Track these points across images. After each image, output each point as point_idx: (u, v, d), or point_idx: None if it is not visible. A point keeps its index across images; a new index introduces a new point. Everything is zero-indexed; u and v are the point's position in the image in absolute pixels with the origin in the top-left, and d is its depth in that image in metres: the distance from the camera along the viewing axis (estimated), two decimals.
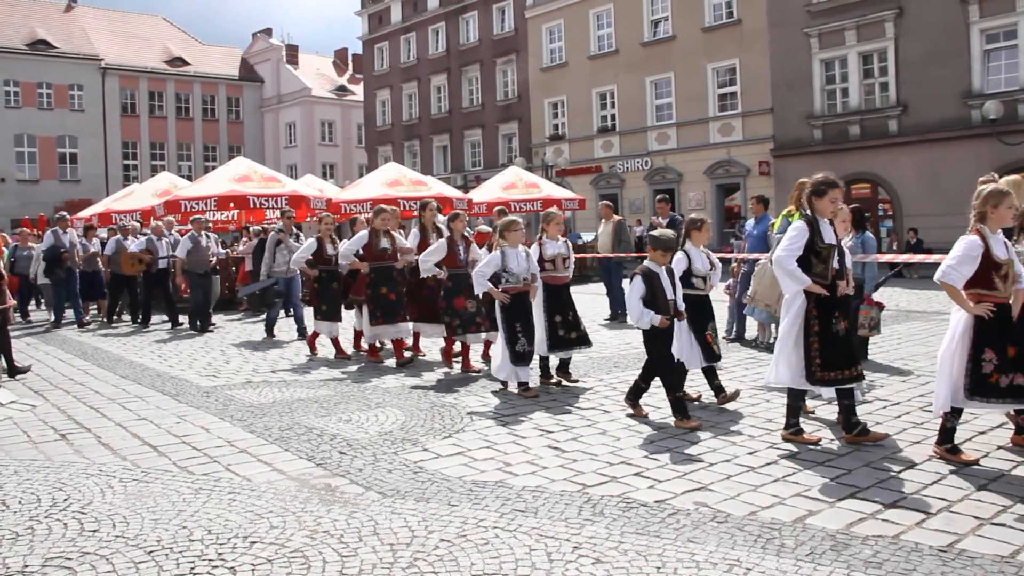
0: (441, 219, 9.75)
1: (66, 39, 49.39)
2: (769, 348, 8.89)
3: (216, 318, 14.35)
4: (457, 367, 8.88)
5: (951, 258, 4.98)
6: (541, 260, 7.69)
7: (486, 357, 9.07)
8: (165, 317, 14.70)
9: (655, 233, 6.40)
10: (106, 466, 5.30)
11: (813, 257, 5.35)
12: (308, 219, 18.11)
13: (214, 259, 13.69)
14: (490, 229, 13.82)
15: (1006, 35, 23.28)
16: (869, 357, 8.70)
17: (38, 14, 50.13)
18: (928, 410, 6.30)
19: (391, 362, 9.39)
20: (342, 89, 56.80)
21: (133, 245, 14.78)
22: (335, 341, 10.00)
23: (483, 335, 8.64)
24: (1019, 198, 8.27)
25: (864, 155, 25.79)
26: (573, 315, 7.76)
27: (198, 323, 13.24)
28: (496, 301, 7.46)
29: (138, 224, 16.97)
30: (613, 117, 33.90)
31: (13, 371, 8.97)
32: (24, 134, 47.11)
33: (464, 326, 8.42)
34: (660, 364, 6.26)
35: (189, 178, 36.09)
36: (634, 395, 6.47)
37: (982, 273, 4.92)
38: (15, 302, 16.31)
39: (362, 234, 9.33)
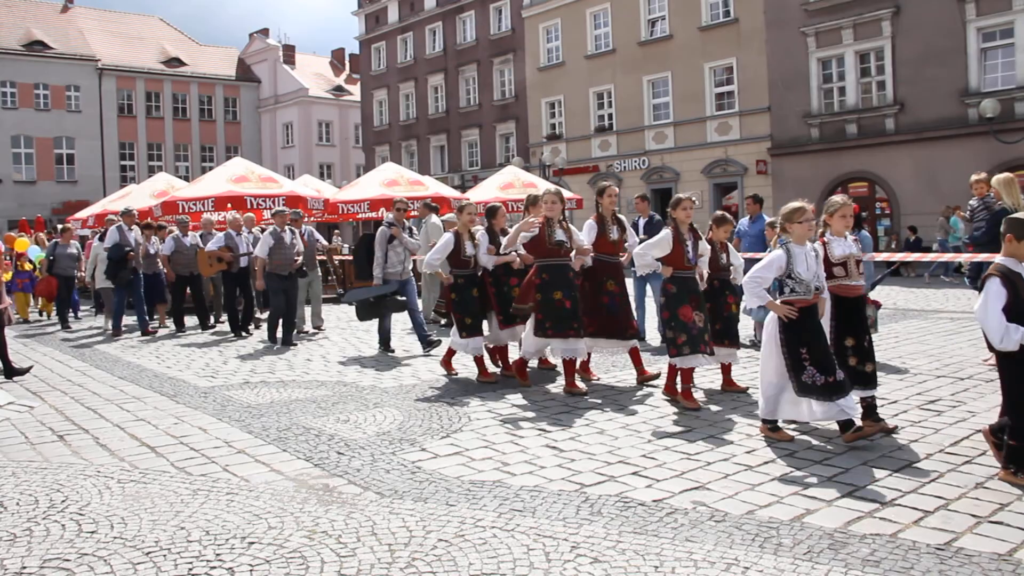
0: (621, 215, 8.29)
1: (62, 40, 49.33)
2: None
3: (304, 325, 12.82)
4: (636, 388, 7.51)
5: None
6: (827, 263, 5.69)
7: (586, 372, 8.07)
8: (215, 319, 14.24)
9: (1020, 215, 4.70)
10: (104, 467, 5.30)
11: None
12: (305, 218, 18.08)
13: (300, 258, 11.75)
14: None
15: (1003, 33, 23.29)
16: None
17: (34, 15, 50.06)
18: (926, 409, 6.31)
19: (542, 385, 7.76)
20: (339, 89, 56.77)
21: (211, 242, 13.07)
22: (479, 360, 8.20)
23: (704, 356, 6.71)
24: (1011, 196, 8.30)
25: (861, 154, 25.81)
26: (869, 341, 5.79)
27: (277, 334, 11.42)
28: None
29: (210, 217, 15.14)
30: (610, 116, 33.89)
31: (10, 372, 8.96)
32: (21, 135, 47.04)
33: (693, 343, 6.62)
34: None
35: (186, 179, 36.09)
36: (1016, 459, 4.56)
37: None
38: (10, 302, 16.22)
39: (526, 223, 7.65)
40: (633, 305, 11.42)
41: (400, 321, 12.31)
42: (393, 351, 10.31)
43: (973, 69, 23.61)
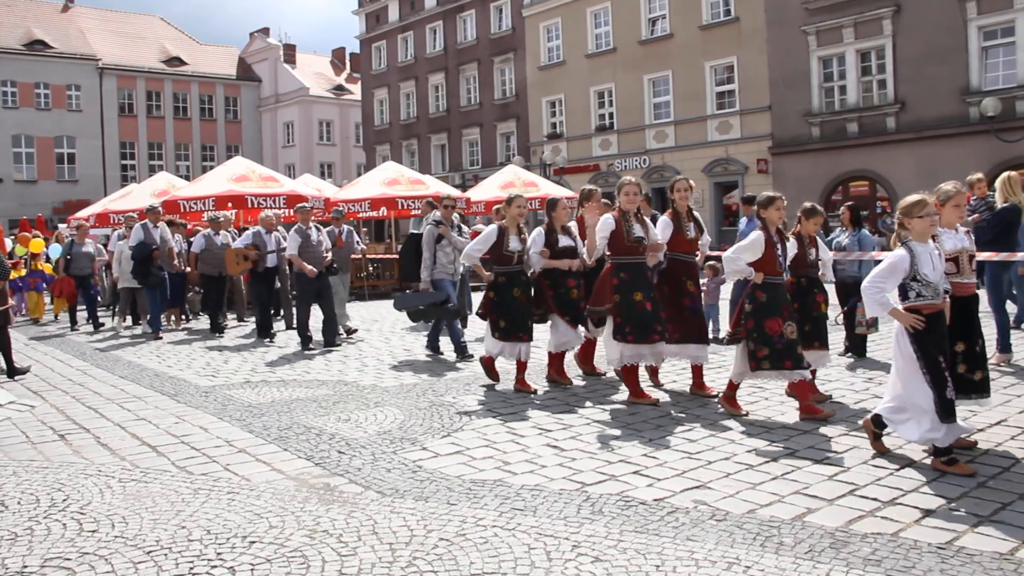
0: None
1: (63, 39, 49.34)
2: None
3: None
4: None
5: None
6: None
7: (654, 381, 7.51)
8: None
9: None
10: (105, 466, 5.30)
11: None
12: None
13: (328, 255, 11.11)
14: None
15: (1004, 32, 23.27)
16: (868, 355, 8.71)
17: (35, 14, 50.06)
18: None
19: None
20: (340, 88, 56.76)
21: (238, 240, 12.47)
22: (522, 367, 7.53)
23: (788, 372, 6.07)
24: (1014, 195, 8.30)
25: (862, 153, 25.79)
26: (982, 346, 5.45)
27: (310, 335, 10.81)
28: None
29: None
30: (611, 115, 33.88)
31: (12, 372, 8.97)
32: (22, 134, 47.06)
33: (775, 358, 5.96)
34: None
35: (187, 178, 36.06)
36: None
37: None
38: (12, 303, 16.16)
39: (607, 219, 6.93)
40: None
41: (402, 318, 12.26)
42: (442, 353, 9.81)
43: (974, 68, 23.59)
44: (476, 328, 12.29)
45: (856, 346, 8.69)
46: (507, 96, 38.59)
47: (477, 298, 12.54)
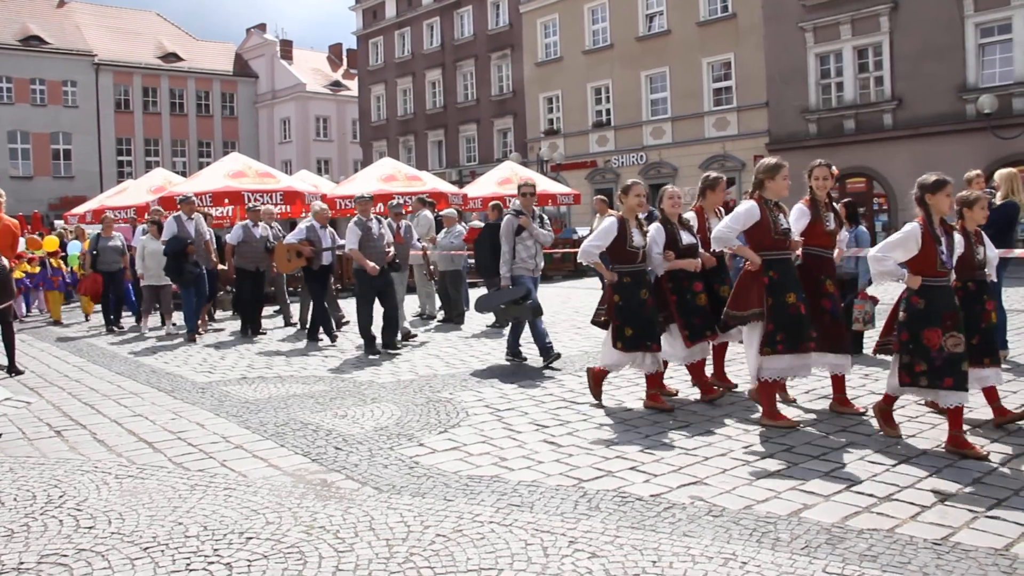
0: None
1: (59, 35, 49.18)
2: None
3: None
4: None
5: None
6: None
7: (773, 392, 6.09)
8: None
9: None
10: (101, 463, 5.29)
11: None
12: (302, 214, 17.89)
13: (391, 250, 10.24)
14: (483, 224, 13.82)
15: (1001, 29, 23.27)
16: (864, 351, 8.71)
17: (30, 10, 49.88)
18: (924, 404, 6.32)
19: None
20: (337, 84, 56.65)
21: (291, 235, 11.49)
22: (652, 380, 6.58)
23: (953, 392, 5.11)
24: (1016, 192, 8.30)
25: (859, 149, 25.80)
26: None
27: (377, 340, 9.94)
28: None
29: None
30: (608, 112, 33.86)
31: (13, 369, 8.94)
32: (17, 131, 46.91)
33: (935, 375, 5.10)
34: None
35: (184, 174, 36.01)
36: None
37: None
38: (10, 303, 15.96)
39: (749, 206, 5.91)
40: None
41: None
42: (525, 359, 8.80)
43: (971, 65, 23.59)
44: (473, 325, 12.30)
45: (853, 342, 8.68)
46: (504, 92, 38.56)
47: (474, 294, 12.46)
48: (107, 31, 52.14)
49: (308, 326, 11.39)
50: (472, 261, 15.53)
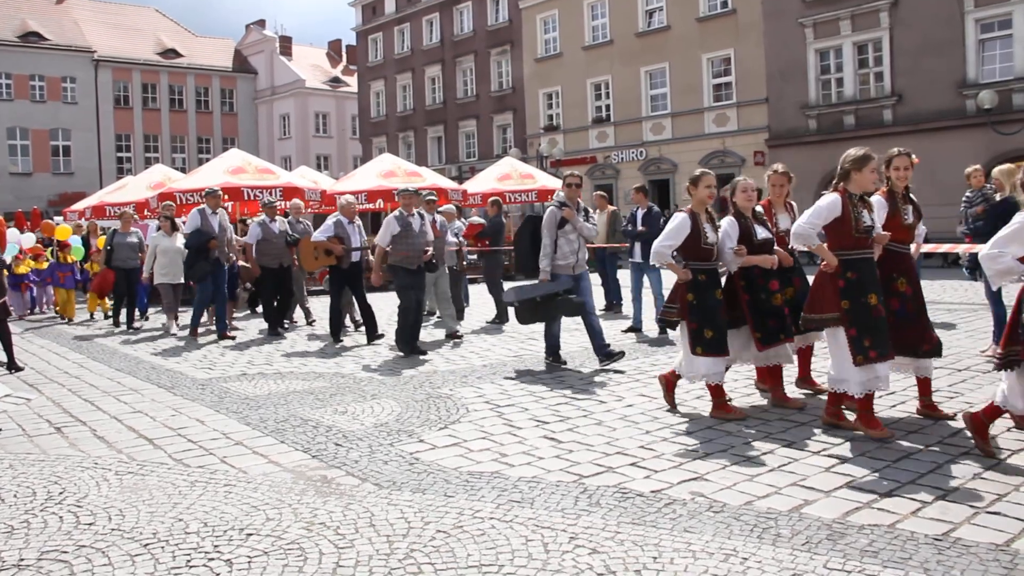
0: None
1: (58, 31, 49.13)
2: None
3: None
4: None
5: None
6: None
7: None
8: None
9: None
10: (101, 459, 5.29)
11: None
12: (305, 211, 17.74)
13: (430, 249, 9.69)
14: (483, 220, 13.78)
15: (1001, 24, 23.26)
16: None
17: (29, 5, 49.82)
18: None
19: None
20: (336, 81, 56.63)
21: (318, 231, 10.80)
22: (715, 392, 6.03)
23: None
24: (1016, 192, 8.28)
25: (859, 145, 25.75)
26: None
27: (405, 343, 9.37)
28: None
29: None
30: (608, 108, 33.85)
31: (12, 365, 8.94)
32: (17, 127, 46.91)
33: None
34: None
35: (183, 170, 36.05)
36: None
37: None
38: (3, 298, 15.63)
39: (831, 200, 5.38)
40: (629, 298, 11.20)
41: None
42: (564, 363, 8.35)
43: (971, 60, 23.58)
44: (472, 321, 12.29)
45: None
46: (504, 88, 38.53)
47: (473, 291, 12.35)
48: (106, 27, 52.09)
49: (330, 326, 10.73)
50: (473, 258, 15.33)
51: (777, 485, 4.41)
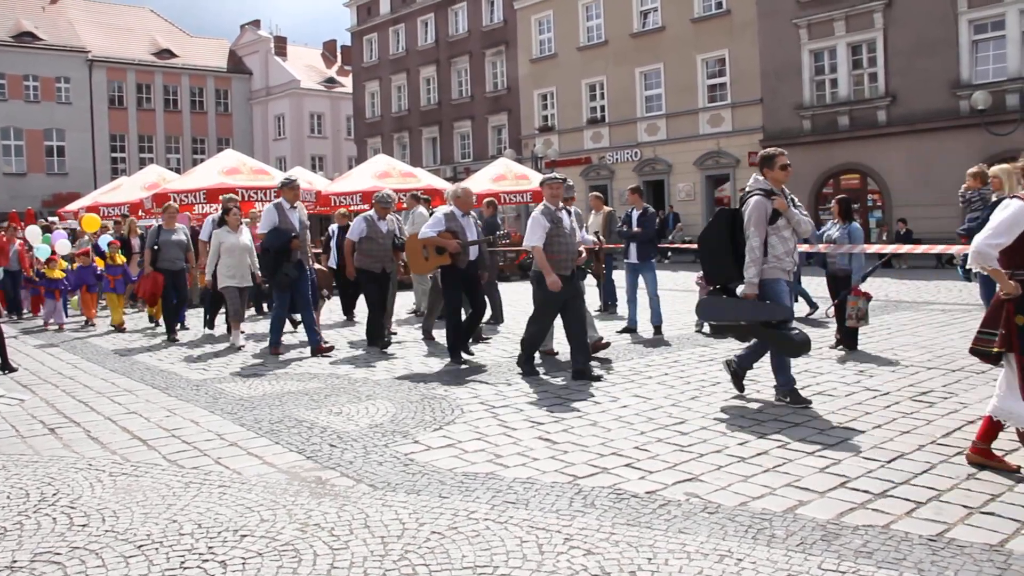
0: None
1: (52, 31, 49.02)
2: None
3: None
4: None
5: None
6: None
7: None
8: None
9: None
10: (95, 460, 5.27)
11: None
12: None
13: (583, 251, 8.26)
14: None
15: (994, 25, 23.31)
16: (859, 347, 8.73)
17: (23, 5, 49.69)
18: (918, 400, 6.33)
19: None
20: (331, 81, 56.58)
21: (426, 225, 8.88)
22: (997, 428, 4.67)
23: None
24: (1011, 187, 8.31)
25: (853, 146, 25.84)
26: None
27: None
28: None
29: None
30: (603, 108, 33.85)
31: (5, 366, 8.91)
32: (10, 127, 46.80)
33: None
34: None
35: (178, 171, 35.90)
36: None
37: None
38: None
39: (1016, 209, 4.44)
40: (624, 299, 11.25)
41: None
42: (804, 400, 6.36)
43: (965, 61, 23.63)
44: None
45: (847, 339, 8.71)
46: (499, 89, 38.53)
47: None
48: (100, 27, 52.00)
49: (447, 341, 8.99)
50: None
51: (772, 486, 4.41)
